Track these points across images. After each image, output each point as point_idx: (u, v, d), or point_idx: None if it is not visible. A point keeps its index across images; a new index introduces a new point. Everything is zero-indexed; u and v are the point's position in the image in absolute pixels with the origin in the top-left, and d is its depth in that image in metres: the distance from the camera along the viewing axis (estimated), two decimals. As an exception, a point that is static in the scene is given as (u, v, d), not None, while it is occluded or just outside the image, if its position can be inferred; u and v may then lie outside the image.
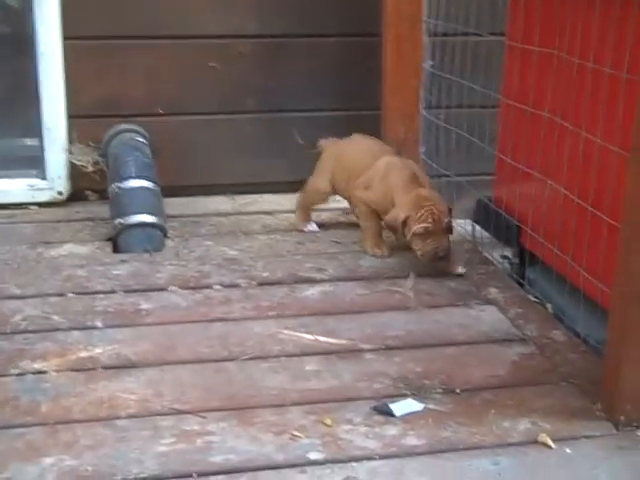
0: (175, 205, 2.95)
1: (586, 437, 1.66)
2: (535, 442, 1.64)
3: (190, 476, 1.52)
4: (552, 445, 1.63)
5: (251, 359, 1.93)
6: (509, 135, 2.41)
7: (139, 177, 2.69)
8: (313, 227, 2.75)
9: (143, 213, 2.60)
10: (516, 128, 2.37)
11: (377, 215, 2.52)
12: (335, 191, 2.70)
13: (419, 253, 2.36)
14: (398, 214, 2.38)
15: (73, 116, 2.92)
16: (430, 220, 2.33)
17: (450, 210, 2.43)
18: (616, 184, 1.85)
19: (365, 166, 2.57)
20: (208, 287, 2.31)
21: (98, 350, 1.95)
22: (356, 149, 2.67)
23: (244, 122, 3.07)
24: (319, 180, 2.71)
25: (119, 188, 2.67)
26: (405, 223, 2.36)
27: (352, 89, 3.09)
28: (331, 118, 3.09)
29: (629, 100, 1.72)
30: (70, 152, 2.94)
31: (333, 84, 3.08)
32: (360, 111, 3.08)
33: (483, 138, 2.67)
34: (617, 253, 1.64)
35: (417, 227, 2.33)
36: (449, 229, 2.39)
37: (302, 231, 2.73)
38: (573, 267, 2.09)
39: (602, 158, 1.95)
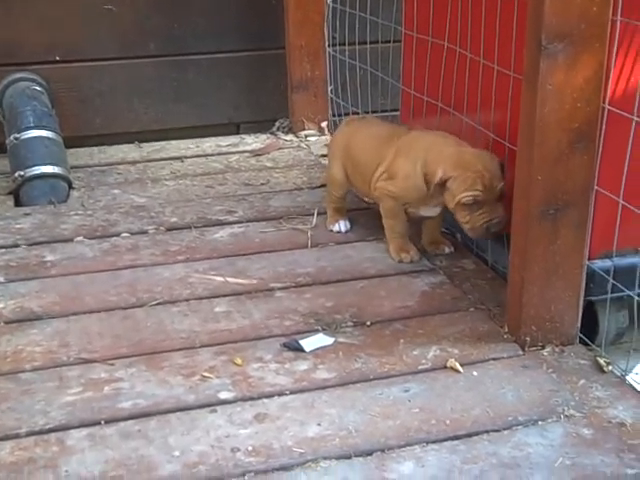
0: (80, 155, 2.89)
1: (493, 359, 1.70)
2: (444, 368, 1.66)
3: (98, 423, 1.49)
4: (460, 369, 1.66)
5: (160, 304, 1.91)
6: (412, 68, 2.40)
7: (38, 127, 2.59)
8: (341, 227, 2.29)
9: (44, 164, 2.52)
10: (418, 60, 2.36)
11: (404, 212, 2.09)
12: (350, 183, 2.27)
13: (467, 227, 1.94)
14: (435, 169, 1.91)
15: (-36, 67, 2.80)
16: (480, 187, 1.87)
17: (503, 167, 1.92)
18: (513, 108, 1.86)
19: (373, 158, 2.12)
20: (115, 235, 2.27)
21: (0, 305, 1.90)
22: (365, 136, 2.21)
23: (146, 66, 2.99)
24: (331, 168, 2.30)
25: (17, 139, 2.57)
26: (444, 185, 1.92)
27: (255, 28, 3.02)
28: (235, 59, 3.04)
29: (521, 24, 1.72)
30: (-37, 105, 2.82)
31: (235, 23, 3.01)
32: (265, 50, 3.04)
33: (390, 73, 2.66)
34: (516, 176, 1.66)
35: (463, 196, 1.89)
36: (502, 195, 1.90)
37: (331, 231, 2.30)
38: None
39: (499, 84, 1.95)
